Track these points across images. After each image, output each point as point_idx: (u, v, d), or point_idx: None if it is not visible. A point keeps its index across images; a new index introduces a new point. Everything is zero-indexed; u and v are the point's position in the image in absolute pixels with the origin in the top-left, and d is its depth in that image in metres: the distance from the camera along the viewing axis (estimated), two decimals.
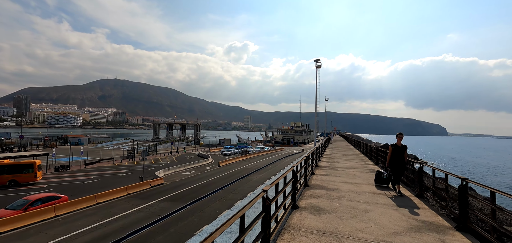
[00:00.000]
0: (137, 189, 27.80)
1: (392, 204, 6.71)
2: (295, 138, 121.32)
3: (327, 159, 17.83)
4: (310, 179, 9.90)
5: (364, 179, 10.34)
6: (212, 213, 21.09)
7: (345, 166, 14.13)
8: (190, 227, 18.32)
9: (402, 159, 7.93)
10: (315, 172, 11.68)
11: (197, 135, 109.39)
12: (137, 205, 23.00)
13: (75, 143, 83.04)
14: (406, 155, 8.09)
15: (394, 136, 8.47)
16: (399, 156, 7.95)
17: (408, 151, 8.56)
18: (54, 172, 39.02)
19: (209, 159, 56.46)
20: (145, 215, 20.55)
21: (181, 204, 23.21)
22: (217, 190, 28.65)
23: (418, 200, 7.18)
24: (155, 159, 59.46)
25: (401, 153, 7.92)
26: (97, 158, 51.33)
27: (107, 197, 24.17)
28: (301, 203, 6.56)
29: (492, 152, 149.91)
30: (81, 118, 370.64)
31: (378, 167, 14.29)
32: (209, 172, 41.85)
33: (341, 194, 7.62)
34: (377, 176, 9.12)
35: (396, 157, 7.97)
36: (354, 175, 11.33)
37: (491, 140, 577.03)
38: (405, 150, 8.02)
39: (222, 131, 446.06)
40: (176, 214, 20.91)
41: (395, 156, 7.98)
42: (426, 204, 6.77)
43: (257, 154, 72.29)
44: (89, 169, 42.60)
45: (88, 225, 18.30)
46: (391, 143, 8.28)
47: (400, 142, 7.98)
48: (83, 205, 21.71)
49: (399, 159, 7.92)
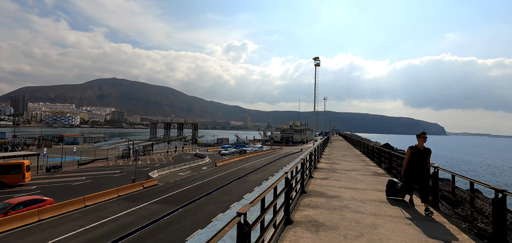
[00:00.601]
0: (128, 190, 26.72)
1: (404, 217, 5.68)
2: (294, 137, 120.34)
3: (326, 160, 16.81)
4: (308, 184, 8.87)
5: (367, 184, 9.31)
6: (205, 216, 20.07)
7: (346, 168, 13.11)
8: (182, 232, 17.28)
9: (423, 167, 6.15)
10: (313, 175, 10.65)
11: (195, 134, 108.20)
12: (127, 208, 21.93)
13: (71, 143, 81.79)
14: (430, 162, 6.29)
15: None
16: (420, 162, 6.22)
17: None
18: (46, 172, 37.88)
19: (206, 158, 55.39)
20: (135, 219, 19.48)
21: (173, 207, 22.16)
22: (212, 192, 27.60)
23: (434, 211, 6.14)
24: (151, 159, 58.35)
25: (422, 158, 6.19)
26: (91, 158, 50.18)
27: (96, 199, 23.09)
28: (297, 215, 5.52)
29: (491, 150, 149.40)
30: (79, 118, 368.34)
31: (380, 168, 13.28)
32: (205, 172, 40.79)
33: (343, 203, 6.58)
34: (389, 187, 7.26)
35: (416, 163, 6.23)
36: (356, 178, 10.31)
37: (489, 139, 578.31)
38: (429, 155, 6.24)
39: (221, 130, 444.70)
40: (168, 218, 19.87)
41: (415, 161, 6.24)
42: (444, 217, 5.74)
43: (255, 154, 71.25)
44: (82, 169, 41.46)
45: (72, 230, 17.22)
46: (410, 145, 6.49)
47: (422, 143, 6.31)
48: (70, 208, 20.62)
49: (420, 166, 6.19)
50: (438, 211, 6.13)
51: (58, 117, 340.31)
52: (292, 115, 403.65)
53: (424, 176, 6.20)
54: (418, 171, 6.24)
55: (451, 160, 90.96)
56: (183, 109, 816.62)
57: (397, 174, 10.79)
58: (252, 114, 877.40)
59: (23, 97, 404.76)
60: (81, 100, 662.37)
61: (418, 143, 6.41)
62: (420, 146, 6.34)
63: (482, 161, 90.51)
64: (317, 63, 50.42)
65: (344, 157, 18.81)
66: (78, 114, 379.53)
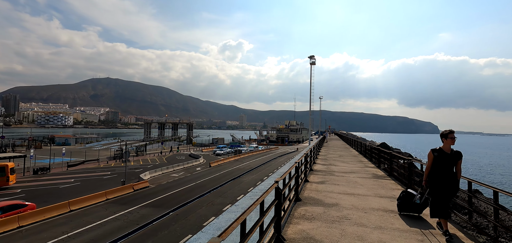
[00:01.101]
0: (118, 193, 25.67)
1: (413, 231, 4.92)
2: (290, 137, 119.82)
3: (322, 161, 16.08)
4: (303, 189, 8.09)
5: (368, 188, 8.57)
6: (197, 221, 19.20)
7: (343, 170, 12.38)
8: (171, 238, 16.38)
9: (451, 175, 4.72)
10: (309, 178, 9.88)
11: (190, 134, 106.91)
12: (115, 212, 20.93)
13: (62, 143, 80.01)
14: (460, 169, 4.83)
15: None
16: (446, 169, 4.72)
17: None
18: (33, 175, 36.50)
19: (200, 159, 54.38)
20: (122, 224, 18.52)
21: (164, 210, 21.24)
22: (204, 194, 26.71)
23: (455, 229, 5.38)
24: (144, 159, 57.11)
25: (450, 164, 4.74)
26: (81, 159, 48.80)
27: (82, 203, 22.02)
28: (290, 232, 4.72)
29: (488, 149, 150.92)
30: (72, 118, 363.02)
31: (379, 170, 12.58)
32: (199, 173, 39.83)
33: (343, 214, 5.80)
34: (404, 200, 5.70)
35: (441, 171, 4.74)
36: (355, 182, 9.56)
37: (481, 137, 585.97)
38: (459, 160, 4.78)
39: (217, 130, 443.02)
40: (157, 223, 18.94)
41: (440, 168, 4.76)
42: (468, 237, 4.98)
43: (250, 154, 70.42)
44: (71, 171, 40.15)
45: (54, 237, 16.22)
46: (433, 148, 4.97)
47: (449, 145, 4.80)
48: (54, 213, 19.56)
49: (447, 174, 4.71)
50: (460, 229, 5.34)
51: (50, 117, 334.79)
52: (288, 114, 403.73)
53: (451, 187, 4.72)
54: (444, 181, 4.72)
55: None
56: (179, 109, 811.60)
57: (399, 176, 10.08)
58: (248, 114, 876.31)
59: (15, 97, 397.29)
60: (74, 101, 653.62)
61: (443, 144, 4.89)
62: (446, 148, 4.83)
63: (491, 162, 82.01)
64: (312, 62, 49.78)
65: (341, 158, 18.11)
66: (71, 115, 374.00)
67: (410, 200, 5.57)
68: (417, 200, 5.44)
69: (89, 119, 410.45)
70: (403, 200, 5.74)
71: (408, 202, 5.61)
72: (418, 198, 5.44)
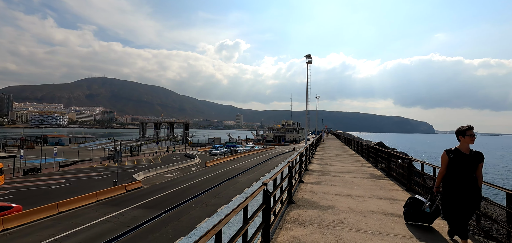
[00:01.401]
0: (109, 194, 25.03)
1: (417, 237, 4.48)
2: (286, 137, 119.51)
3: (318, 160, 15.66)
4: (297, 191, 7.64)
5: (365, 189, 8.15)
6: (189, 222, 18.67)
7: (340, 170, 11.96)
8: (162, 240, 15.84)
9: (471, 181, 3.83)
10: (303, 178, 9.43)
11: (186, 134, 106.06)
12: (106, 214, 20.31)
13: (55, 144, 78.72)
14: (481, 174, 3.95)
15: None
16: (465, 173, 3.85)
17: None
18: (23, 175, 35.61)
19: (196, 159, 53.76)
20: (112, 226, 17.92)
21: (156, 212, 20.68)
22: (199, 194, 26.18)
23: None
24: (139, 159, 56.33)
25: (469, 167, 3.86)
26: (74, 160, 47.89)
27: (72, 204, 21.36)
28: (280, 238, 4.24)
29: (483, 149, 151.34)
30: (67, 118, 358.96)
31: (377, 169, 12.18)
32: (194, 173, 39.25)
33: (339, 217, 5.35)
34: (411, 208, 4.79)
35: (459, 176, 3.87)
36: (352, 182, 9.13)
37: (476, 137, 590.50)
38: (480, 162, 3.92)
39: (214, 129, 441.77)
40: (149, 224, 18.38)
41: (458, 173, 3.89)
42: None
43: (246, 154, 69.94)
44: (63, 171, 39.29)
45: (41, 240, 15.58)
46: (447, 149, 4.07)
47: (467, 145, 3.95)
48: (41, 215, 18.88)
49: (466, 180, 3.83)
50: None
51: (45, 117, 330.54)
52: (285, 114, 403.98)
53: (472, 197, 3.78)
54: (463, 189, 3.81)
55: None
56: (175, 109, 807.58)
57: (397, 177, 9.67)
58: (245, 113, 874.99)
59: (8, 97, 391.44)
60: (69, 100, 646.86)
61: (460, 143, 4.00)
62: (463, 148, 3.93)
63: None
64: (309, 61, 49.33)
65: (337, 157, 17.72)
66: (66, 115, 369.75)
67: (419, 208, 4.64)
68: (427, 209, 4.52)
69: (84, 119, 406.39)
70: (411, 208, 4.76)
71: (416, 210, 4.66)
72: (428, 206, 4.53)
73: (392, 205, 6.29)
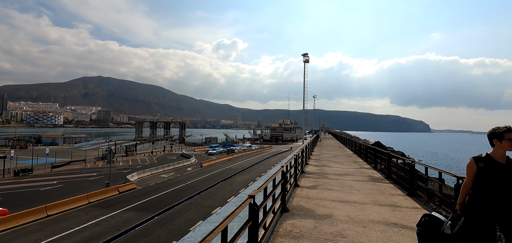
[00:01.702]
0: (101, 196, 24.32)
1: None
2: (284, 136, 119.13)
3: (315, 161, 15.16)
4: (292, 196, 7.10)
5: (365, 193, 7.64)
6: (183, 225, 18.07)
7: (337, 172, 11.46)
8: None
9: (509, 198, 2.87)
10: (299, 182, 8.91)
11: (182, 134, 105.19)
12: (97, 217, 19.65)
13: (49, 143, 77.48)
14: None
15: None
16: (501, 188, 2.91)
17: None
18: (14, 176, 34.73)
19: (192, 159, 53.07)
20: (102, 230, 17.27)
21: (149, 214, 20.03)
22: (193, 196, 25.56)
23: None
24: (134, 160, 55.52)
25: (506, 180, 2.90)
26: (67, 160, 46.97)
27: (61, 207, 20.65)
28: None
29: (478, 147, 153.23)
30: (63, 117, 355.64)
31: (376, 171, 11.70)
32: (190, 174, 38.60)
33: (337, 229, 4.82)
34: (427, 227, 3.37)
35: (492, 191, 2.94)
36: (351, 186, 8.63)
37: (471, 135, 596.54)
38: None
39: (211, 129, 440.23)
40: (140, 228, 17.73)
41: (491, 187, 2.95)
42: None
43: (243, 153, 69.37)
44: (55, 172, 38.44)
45: None
46: (476, 156, 3.12)
47: (503, 152, 3.00)
48: (28, 219, 18.17)
49: (503, 196, 2.89)
50: None
51: (40, 117, 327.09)
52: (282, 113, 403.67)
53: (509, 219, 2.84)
54: (496, 207, 2.89)
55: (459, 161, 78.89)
56: (172, 108, 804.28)
57: (398, 179, 9.16)
58: (243, 113, 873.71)
59: (2, 96, 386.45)
60: (65, 100, 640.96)
61: (493, 149, 3.07)
62: (498, 156, 3.01)
63: None
64: (306, 60, 48.87)
65: (335, 158, 17.24)
66: (62, 114, 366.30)
67: (437, 228, 3.33)
68: (447, 230, 3.26)
69: (80, 119, 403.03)
70: (426, 227, 3.38)
71: (434, 232, 3.30)
72: (449, 226, 3.28)
73: (394, 213, 5.78)
